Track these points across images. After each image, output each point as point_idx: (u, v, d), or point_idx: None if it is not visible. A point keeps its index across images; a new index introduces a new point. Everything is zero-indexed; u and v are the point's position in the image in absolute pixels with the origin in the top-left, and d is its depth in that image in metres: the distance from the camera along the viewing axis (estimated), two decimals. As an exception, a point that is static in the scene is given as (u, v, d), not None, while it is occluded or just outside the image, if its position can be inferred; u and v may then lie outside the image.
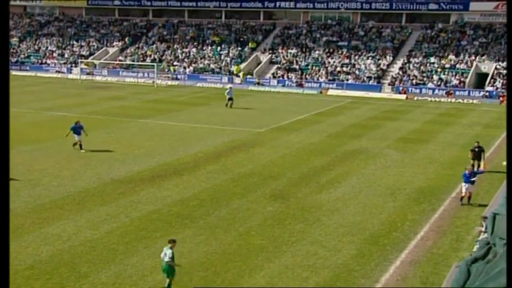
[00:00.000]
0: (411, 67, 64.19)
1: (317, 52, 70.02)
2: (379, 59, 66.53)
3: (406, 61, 65.54)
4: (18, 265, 15.71)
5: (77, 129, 29.64)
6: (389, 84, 61.98)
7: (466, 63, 62.99)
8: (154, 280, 15.07)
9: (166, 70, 70.26)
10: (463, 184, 21.98)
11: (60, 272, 15.45)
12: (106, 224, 19.13)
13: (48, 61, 77.30)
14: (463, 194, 22.01)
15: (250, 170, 26.80)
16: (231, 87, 50.06)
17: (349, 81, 63.09)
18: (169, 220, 19.67)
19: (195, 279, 15.21)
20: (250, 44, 73.38)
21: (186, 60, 72.77)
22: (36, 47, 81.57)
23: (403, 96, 58.21)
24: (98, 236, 18.04)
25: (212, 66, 70.48)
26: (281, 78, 66.00)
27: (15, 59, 77.95)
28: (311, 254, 17.09)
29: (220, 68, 69.69)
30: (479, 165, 25.78)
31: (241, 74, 66.94)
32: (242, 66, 68.95)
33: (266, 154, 30.30)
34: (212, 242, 17.86)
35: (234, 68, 69.13)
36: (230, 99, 47.32)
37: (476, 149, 26.41)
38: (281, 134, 36.02)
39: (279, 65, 68.90)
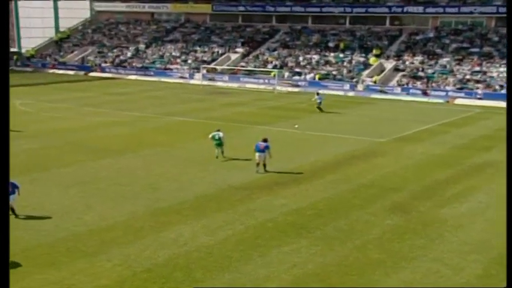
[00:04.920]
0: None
1: (445, 59, 67.24)
2: (513, 67, 62.56)
3: (544, 68, 61.13)
4: (137, 267, 16.04)
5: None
6: (523, 93, 58.12)
7: None
8: (267, 291, 14.82)
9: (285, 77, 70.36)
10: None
11: (176, 276, 15.60)
12: (222, 230, 19.17)
13: (172, 66, 79.59)
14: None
15: (370, 180, 25.97)
16: (318, 93, 50.40)
17: (479, 90, 59.87)
18: (284, 229, 19.39)
19: (309, 293, 14.80)
20: (374, 50, 71.82)
21: (307, 66, 72.54)
22: (160, 53, 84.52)
23: (539, 106, 54.25)
24: (213, 242, 18.10)
25: (334, 72, 69.69)
26: (405, 86, 63.94)
27: (141, 65, 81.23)
28: (432, 272, 16.17)
29: (342, 75, 68.74)
30: None
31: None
32: (365, 73, 67.70)
33: (387, 165, 29.28)
34: (327, 253, 17.38)
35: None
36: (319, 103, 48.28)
37: None
38: (403, 144, 34.73)
39: (404, 73, 66.88)
